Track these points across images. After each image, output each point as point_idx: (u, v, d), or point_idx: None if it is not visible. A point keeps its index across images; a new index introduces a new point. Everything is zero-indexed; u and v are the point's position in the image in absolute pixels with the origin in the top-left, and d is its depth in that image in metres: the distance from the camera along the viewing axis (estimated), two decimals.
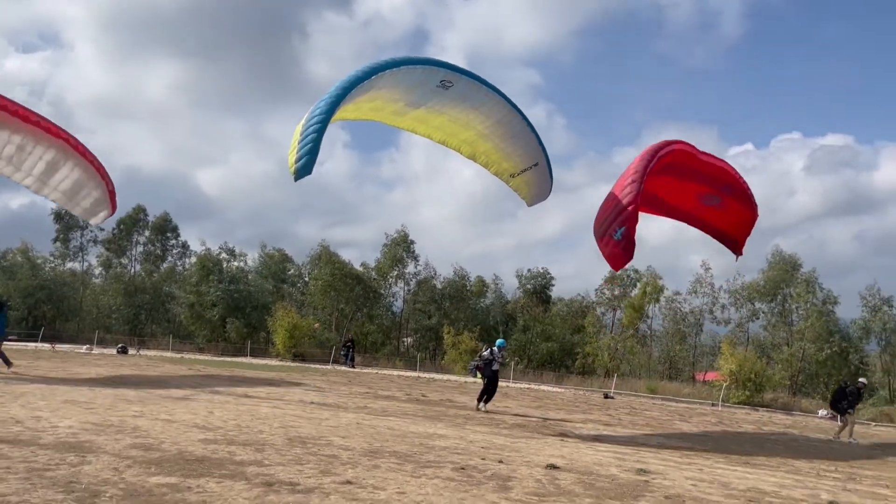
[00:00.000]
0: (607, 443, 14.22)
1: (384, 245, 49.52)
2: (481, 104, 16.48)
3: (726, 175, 18.47)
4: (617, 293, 47.59)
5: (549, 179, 18.48)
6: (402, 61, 14.99)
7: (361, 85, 14.19)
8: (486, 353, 18.53)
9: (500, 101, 16.64)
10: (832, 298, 40.27)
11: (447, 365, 40.71)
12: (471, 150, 17.94)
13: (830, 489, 10.70)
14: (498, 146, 17.60)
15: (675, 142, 17.42)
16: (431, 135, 17.74)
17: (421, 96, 15.92)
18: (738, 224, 19.56)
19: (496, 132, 17.23)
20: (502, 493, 8.09)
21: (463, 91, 15.90)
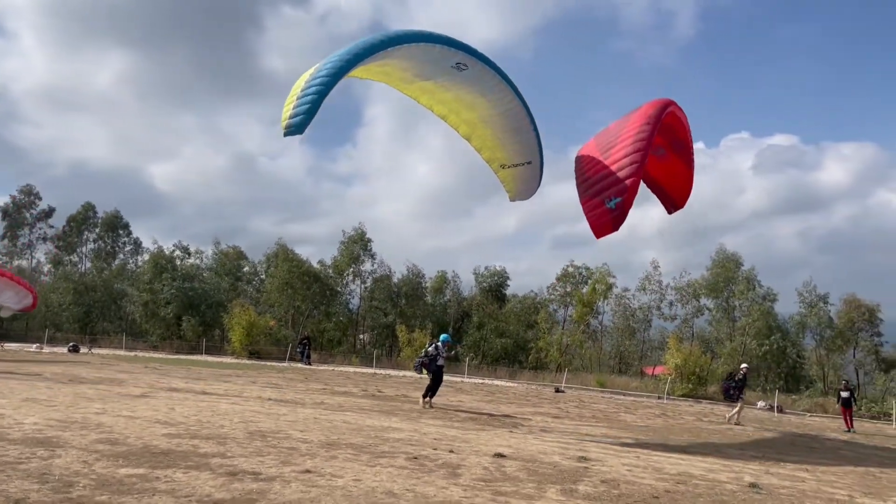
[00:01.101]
0: (553, 433, 15.01)
1: (341, 243, 49.84)
2: (491, 92, 16.37)
3: (683, 131, 18.25)
4: (569, 290, 48.81)
5: (538, 180, 18.50)
6: (422, 36, 14.82)
7: (377, 53, 13.99)
8: (430, 348, 18.61)
9: (510, 93, 16.57)
10: (771, 295, 42.16)
11: (403, 361, 41.31)
12: (468, 131, 17.78)
13: (754, 473, 11.64)
14: (497, 134, 17.52)
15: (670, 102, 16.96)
16: (433, 107, 17.54)
17: (433, 72, 15.78)
18: (677, 180, 19.18)
19: (499, 121, 17.16)
20: (452, 480, 8.74)
21: (476, 76, 15.78)
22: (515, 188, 18.61)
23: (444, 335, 19.55)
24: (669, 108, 16.39)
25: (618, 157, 14.81)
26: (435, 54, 14.99)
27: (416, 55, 14.87)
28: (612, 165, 14.79)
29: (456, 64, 15.26)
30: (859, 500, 10.05)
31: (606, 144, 15.68)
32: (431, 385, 18.53)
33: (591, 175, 15.16)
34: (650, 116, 15.57)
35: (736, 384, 21.65)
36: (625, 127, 15.76)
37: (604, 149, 15.51)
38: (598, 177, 14.88)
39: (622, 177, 14.37)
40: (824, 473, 12.61)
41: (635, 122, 15.57)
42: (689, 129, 18.27)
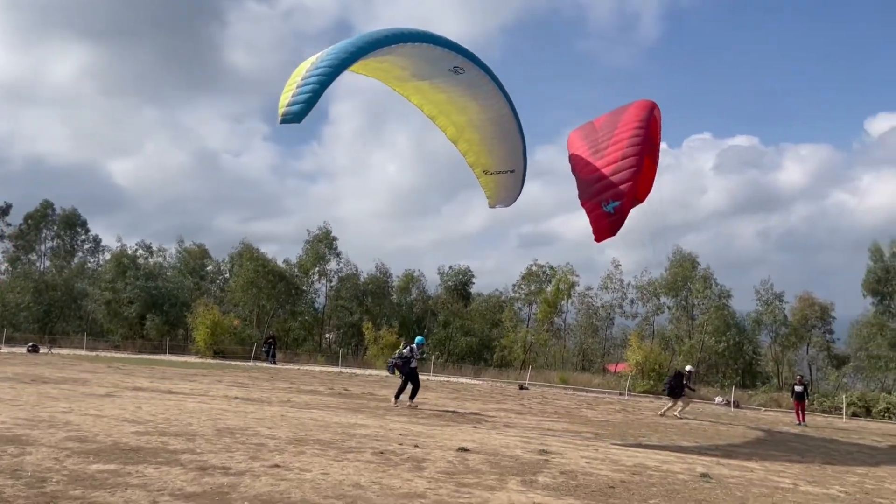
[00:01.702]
0: (516, 429, 15.43)
1: (306, 242, 49.74)
2: (483, 97, 16.40)
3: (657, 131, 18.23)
4: (533, 289, 49.41)
5: (519, 189, 18.60)
6: (424, 37, 14.79)
7: (381, 49, 13.90)
8: (405, 350, 18.64)
9: (502, 99, 16.59)
10: (726, 293, 43.27)
11: (369, 360, 41.44)
12: (456, 134, 17.76)
13: (706, 464, 12.18)
14: (484, 140, 17.51)
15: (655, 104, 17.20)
16: (423, 107, 17.46)
17: (429, 73, 15.75)
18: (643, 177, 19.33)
19: (488, 127, 17.16)
20: (416, 472, 9.07)
21: (471, 80, 15.77)
22: (496, 195, 18.63)
23: (419, 338, 19.74)
24: (655, 110, 16.80)
25: (614, 160, 14.93)
26: (435, 55, 14.99)
27: (416, 54, 14.87)
28: (607, 167, 14.89)
29: (453, 67, 15.29)
30: (802, 488, 10.62)
31: (597, 144, 15.82)
32: (403, 386, 18.60)
33: (587, 176, 15.28)
34: (642, 120, 15.83)
35: (680, 382, 22.61)
36: (617, 127, 15.93)
37: (595, 149, 15.64)
38: (594, 178, 14.98)
39: (619, 180, 14.47)
40: (772, 464, 13.22)
41: (628, 124, 15.77)
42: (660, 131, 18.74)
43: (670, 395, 23.21)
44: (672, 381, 22.97)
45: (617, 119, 16.41)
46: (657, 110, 17.10)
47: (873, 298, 41.18)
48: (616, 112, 17.13)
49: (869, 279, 41.04)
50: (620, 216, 14.16)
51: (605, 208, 14.23)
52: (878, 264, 40.88)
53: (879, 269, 40.74)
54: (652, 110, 16.50)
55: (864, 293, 41.41)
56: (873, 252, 41.28)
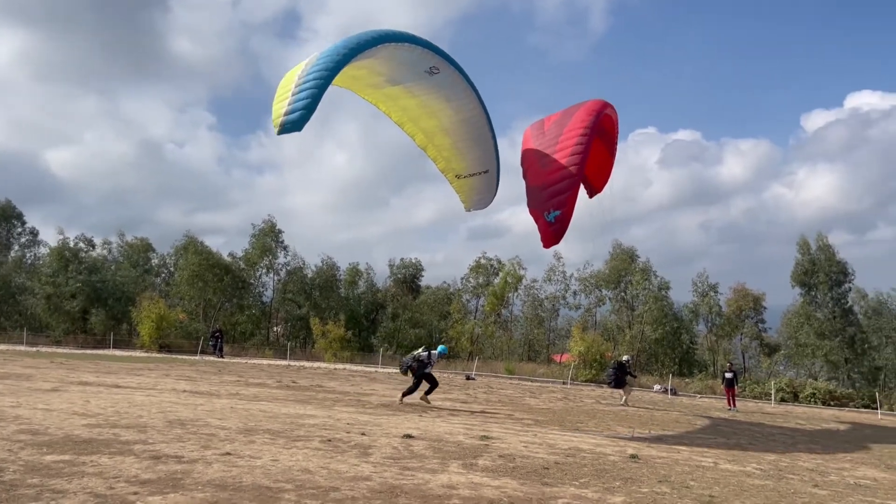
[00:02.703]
0: (460, 416, 16.04)
1: (252, 235, 49.43)
2: (456, 98, 16.38)
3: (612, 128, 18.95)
4: (481, 281, 50.24)
5: (495, 189, 18.57)
6: (407, 37, 14.78)
7: (367, 50, 13.70)
8: (423, 354, 18.05)
9: (475, 100, 16.58)
10: (665, 285, 44.90)
11: (317, 353, 41.63)
12: (425, 141, 17.65)
13: (637, 447, 12.99)
14: (456, 144, 17.42)
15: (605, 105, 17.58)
16: (392, 113, 17.34)
17: (405, 76, 15.65)
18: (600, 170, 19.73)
19: (459, 130, 17.10)
20: (363, 458, 9.56)
21: (444, 80, 15.76)
22: (471, 198, 18.60)
23: (442, 347, 19.47)
24: (605, 111, 17.36)
25: (557, 167, 15.56)
26: (414, 56, 15.09)
27: (396, 56, 14.92)
28: (551, 175, 15.50)
29: (430, 68, 15.40)
30: (722, 466, 11.50)
31: (545, 148, 16.30)
32: (414, 387, 17.97)
33: (533, 184, 15.92)
34: (587, 127, 16.24)
35: (623, 371, 23.64)
36: (563, 133, 16.35)
37: (543, 154, 16.13)
38: (539, 187, 15.63)
39: (560, 190, 15.13)
40: (699, 446, 14.16)
41: (574, 130, 16.20)
42: (617, 126, 19.38)
43: (616, 386, 24.12)
44: (616, 372, 23.88)
45: (565, 121, 16.87)
46: (609, 109, 17.76)
47: (801, 289, 43.31)
48: (567, 112, 17.60)
49: (797, 271, 43.13)
50: (562, 225, 14.92)
51: (548, 218, 15.00)
52: (806, 257, 43.00)
53: (807, 261, 42.85)
54: (599, 113, 17.01)
55: (793, 284, 43.52)
56: (801, 245, 43.40)
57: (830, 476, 11.52)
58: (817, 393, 34.05)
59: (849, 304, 42.95)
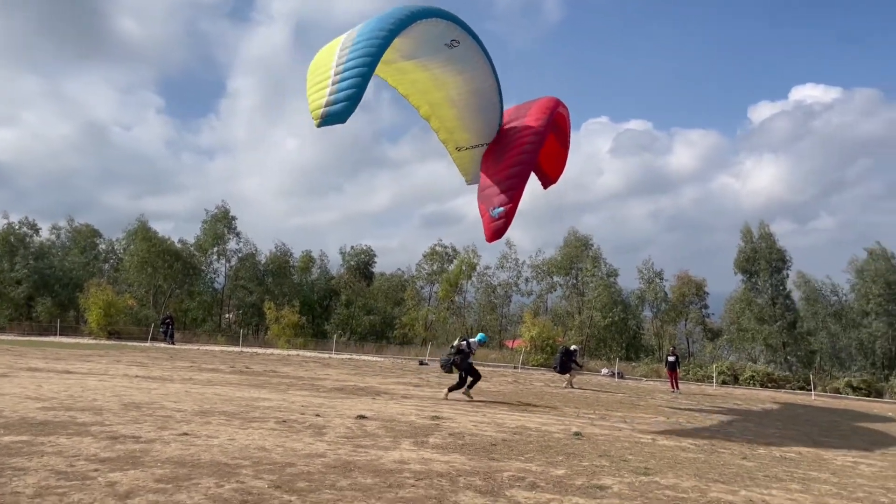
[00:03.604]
0: (413, 399, 16.46)
1: (204, 221, 48.86)
2: (470, 69, 15.93)
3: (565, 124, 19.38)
4: (435, 268, 50.69)
5: None
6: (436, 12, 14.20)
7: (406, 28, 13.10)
8: (462, 343, 17.32)
9: (489, 72, 16.18)
10: (614, 272, 46.07)
11: (270, 340, 41.56)
12: (429, 112, 17.22)
13: (581, 425, 13.61)
14: (461, 115, 16.99)
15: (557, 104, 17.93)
16: (399, 86, 16.81)
17: (422, 51, 15.08)
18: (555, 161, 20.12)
19: (468, 101, 16.64)
20: (318, 437, 9.90)
21: (462, 53, 15.32)
22: (472, 171, 18.22)
23: (481, 335, 19.21)
24: (557, 109, 17.84)
25: (507, 164, 16.04)
26: (438, 31, 14.61)
27: (422, 32, 14.31)
28: (500, 173, 15.96)
29: (451, 41, 14.91)
30: (659, 443, 12.18)
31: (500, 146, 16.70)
32: (462, 381, 17.18)
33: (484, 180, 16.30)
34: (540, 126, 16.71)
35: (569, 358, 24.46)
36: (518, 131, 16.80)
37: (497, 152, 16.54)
38: (487, 183, 16.05)
39: (507, 188, 15.60)
40: (640, 424, 14.86)
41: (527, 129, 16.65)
42: (569, 122, 19.94)
43: (561, 371, 24.94)
44: (562, 358, 24.67)
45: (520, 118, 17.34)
46: (561, 107, 18.30)
47: (743, 276, 44.92)
48: (520, 108, 18.09)
49: (740, 258, 44.71)
50: (505, 221, 15.49)
51: (492, 213, 15.55)
52: (748, 244, 44.60)
53: (749, 249, 44.45)
54: (552, 112, 17.54)
55: (736, 271, 45.12)
56: (744, 233, 44.97)
57: (759, 450, 12.30)
58: (756, 375, 35.52)
59: (787, 291, 44.74)
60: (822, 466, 10.99)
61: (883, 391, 34.92)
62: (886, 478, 10.46)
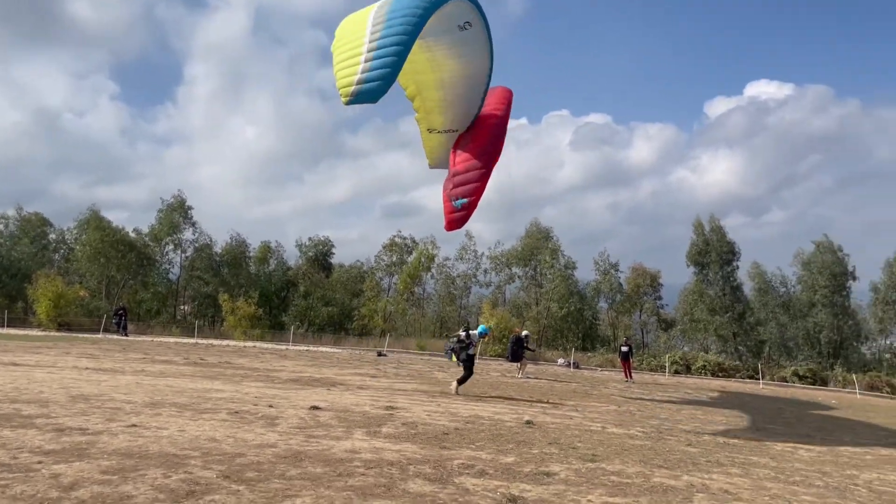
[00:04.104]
0: (369, 390, 16.51)
1: (159, 211, 47.99)
2: (470, 53, 15.54)
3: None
4: (395, 259, 50.69)
5: None
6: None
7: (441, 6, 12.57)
8: (462, 334, 17.33)
9: (487, 56, 15.79)
10: (571, 264, 46.72)
11: (226, 331, 41.12)
12: (415, 91, 16.71)
13: (533, 414, 13.83)
14: (445, 98, 16.61)
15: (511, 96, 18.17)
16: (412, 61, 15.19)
17: (437, 30, 14.43)
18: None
19: (458, 85, 16.29)
20: (270, 428, 9.89)
21: (470, 35, 14.93)
22: (437, 156, 18.16)
23: (482, 327, 19.16)
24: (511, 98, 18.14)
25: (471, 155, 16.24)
26: (458, 11, 14.16)
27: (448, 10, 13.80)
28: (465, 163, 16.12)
29: (465, 22, 14.55)
30: (609, 430, 12.46)
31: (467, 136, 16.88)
32: (465, 375, 17.18)
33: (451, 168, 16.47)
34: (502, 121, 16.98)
35: (521, 345, 24.71)
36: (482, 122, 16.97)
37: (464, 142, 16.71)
38: (452, 172, 16.19)
39: (471, 179, 15.80)
40: (591, 412, 15.17)
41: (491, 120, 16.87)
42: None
43: (513, 360, 25.23)
44: (513, 346, 24.94)
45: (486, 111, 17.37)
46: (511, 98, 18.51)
47: (695, 268, 45.98)
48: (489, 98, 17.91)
49: (692, 251, 45.77)
50: (467, 213, 15.78)
51: (455, 203, 15.76)
52: (700, 237, 45.68)
53: (701, 241, 45.53)
54: (510, 102, 17.89)
55: (688, 263, 46.16)
56: (696, 226, 46.05)
57: (704, 437, 12.69)
58: (707, 365, 36.43)
59: (737, 282, 45.96)
60: (763, 452, 11.39)
61: (828, 379, 36.14)
62: (823, 462, 10.90)
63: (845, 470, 10.29)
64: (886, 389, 34.74)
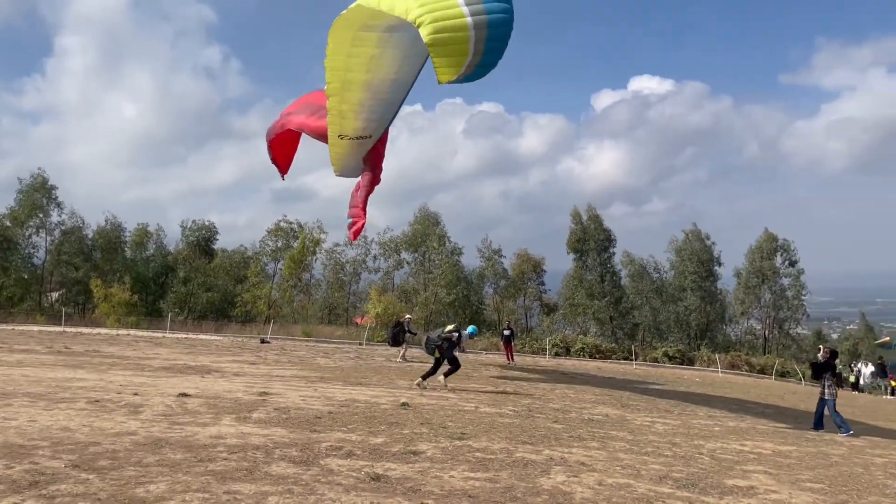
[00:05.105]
0: (245, 377, 16.17)
1: (19, 191, 44.57)
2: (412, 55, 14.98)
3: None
4: (280, 245, 49.58)
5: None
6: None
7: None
8: (454, 334, 16.68)
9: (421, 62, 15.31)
10: (458, 250, 47.47)
11: (98, 319, 38.95)
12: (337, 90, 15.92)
13: (410, 397, 14.01)
14: (364, 102, 16.06)
15: None
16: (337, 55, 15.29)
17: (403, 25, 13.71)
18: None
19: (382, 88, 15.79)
20: (132, 416, 9.53)
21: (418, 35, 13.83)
22: (343, 163, 17.90)
23: (472, 327, 18.64)
24: None
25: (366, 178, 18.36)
26: None
27: None
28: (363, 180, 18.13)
29: None
30: (482, 410, 12.82)
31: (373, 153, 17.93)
32: (435, 368, 16.59)
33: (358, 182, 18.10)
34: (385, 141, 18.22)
35: (401, 330, 24.79)
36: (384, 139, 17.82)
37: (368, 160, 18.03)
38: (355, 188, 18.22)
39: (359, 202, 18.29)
40: (468, 394, 15.54)
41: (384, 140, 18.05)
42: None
43: (393, 344, 25.30)
44: (394, 330, 25.02)
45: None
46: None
47: (575, 255, 47.88)
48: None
49: (572, 239, 47.63)
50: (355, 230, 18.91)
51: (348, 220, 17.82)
52: (578, 226, 47.60)
53: (579, 230, 47.47)
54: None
55: (569, 250, 47.99)
56: (574, 215, 47.98)
57: (571, 414, 13.30)
58: (586, 347, 37.99)
59: (614, 269, 48.25)
60: (623, 426, 12.09)
61: (694, 359, 38.60)
62: (675, 434, 11.70)
63: (694, 441, 11.11)
64: (745, 367, 37.55)
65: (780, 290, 48.36)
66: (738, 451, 10.47)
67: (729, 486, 7.90)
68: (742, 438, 11.88)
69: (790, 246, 48.90)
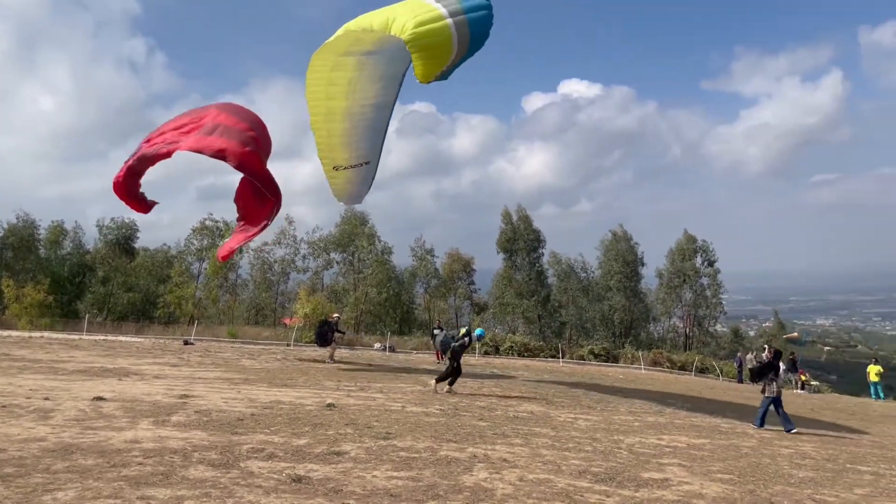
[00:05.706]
0: (165, 379, 15.70)
1: None
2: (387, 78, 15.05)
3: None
4: (206, 243, 48.34)
5: (370, 183, 17.73)
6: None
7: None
8: (466, 339, 16.91)
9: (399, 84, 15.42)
10: (388, 249, 47.40)
11: (9, 320, 37.10)
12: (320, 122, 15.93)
13: (337, 397, 13.91)
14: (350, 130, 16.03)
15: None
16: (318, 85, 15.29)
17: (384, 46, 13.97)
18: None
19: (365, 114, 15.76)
20: (41, 422, 9.13)
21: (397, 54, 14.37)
22: (346, 191, 17.79)
23: (480, 330, 18.39)
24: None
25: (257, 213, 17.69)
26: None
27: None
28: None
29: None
30: (409, 409, 12.85)
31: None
32: (454, 372, 16.72)
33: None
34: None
35: (330, 329, 24.60)
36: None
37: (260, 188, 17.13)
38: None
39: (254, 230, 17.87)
40: (395, 393, 15.53)
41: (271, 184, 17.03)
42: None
43: (321, 344, 25.07)
44: (321, 330, 24.79)
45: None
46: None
47: (505, 255, 48.53)
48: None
49: (501, 238, 48.30)
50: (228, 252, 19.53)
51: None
52: (508, 226, 48.29)
53: (509, 230, 48.16)
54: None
55: (498, 250, 48.61)
56: (504, 216, 48.68)
57: (497, 411, 13.47)
58: (514, 346, 38.54)
59: (542, 268, 49.12)
60: (547, 423, 12.33)
61: (619, 357, 39.67)
62: (596, 429, 12.01)
63: (614, 436, 11.43)
64: (667, 364, 38.83)
65: (699, 289, 50.22)
66: (656, 444, 10.83)
67: (645, 478, 8.17)
68: (660, 433, 12.29)
69: (709, 247, 50.91)
